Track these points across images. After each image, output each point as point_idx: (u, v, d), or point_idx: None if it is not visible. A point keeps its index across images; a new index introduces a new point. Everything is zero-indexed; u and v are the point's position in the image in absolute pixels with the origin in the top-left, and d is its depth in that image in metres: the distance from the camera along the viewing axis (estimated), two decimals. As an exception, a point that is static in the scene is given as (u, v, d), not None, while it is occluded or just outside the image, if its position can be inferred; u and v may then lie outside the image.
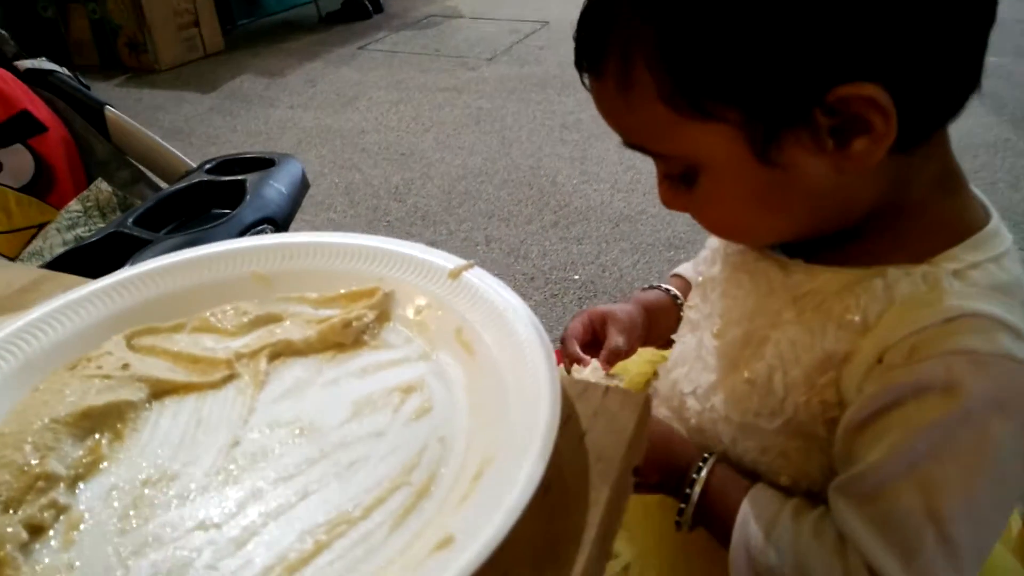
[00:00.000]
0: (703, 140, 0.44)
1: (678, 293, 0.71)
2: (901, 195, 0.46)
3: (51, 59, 1.28)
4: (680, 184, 0.48)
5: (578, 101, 2.87)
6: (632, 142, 0.47)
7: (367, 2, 4.13)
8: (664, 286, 0.71)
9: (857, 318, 0.46)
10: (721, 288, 0.57)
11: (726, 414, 0.53)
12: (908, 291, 0.45)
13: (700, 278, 0.61)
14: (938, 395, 0.43)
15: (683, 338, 0.61)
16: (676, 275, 0.73)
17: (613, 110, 0.46)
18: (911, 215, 0.47)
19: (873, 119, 0.40)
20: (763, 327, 0.52)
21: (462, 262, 0.52)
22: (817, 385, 0.48)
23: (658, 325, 0.69)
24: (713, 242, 0.61)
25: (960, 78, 0.43)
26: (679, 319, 0.67)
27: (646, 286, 0.73)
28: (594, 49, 0.46)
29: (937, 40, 0.40)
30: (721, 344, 0.55)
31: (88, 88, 1.27)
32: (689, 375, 0.57)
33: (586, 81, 0.47)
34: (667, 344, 0.70)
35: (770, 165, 0.43)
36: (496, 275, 0.50)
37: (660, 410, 0.62)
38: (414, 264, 0.53)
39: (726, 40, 0.40)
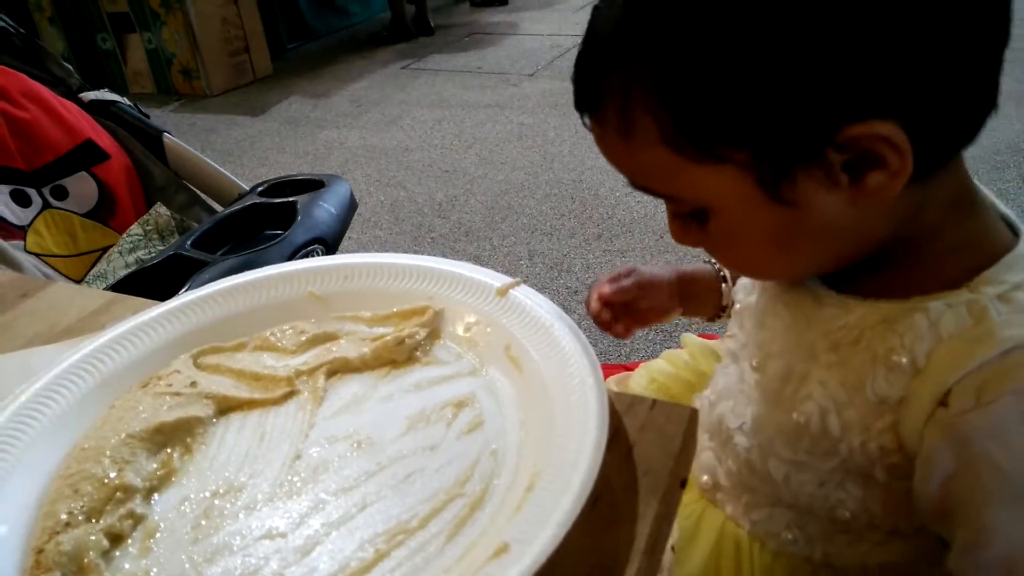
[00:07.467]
0: (711, 182, 0.42)
1: (726, 272, 0.71)
2: (917, 222, 0.45)
3: (110, 89, 1.34)
4: (692, 222, 0.47)
5: (619, 114, 2.87)
6: (638, 184, 0.46)
7: (410, 23, 4.21)
8: (713, 260, 0.70)
9: (904, 360, 0.44)
10: (758, 318, 0.55)
11: (777, 451, 0.52)
12: (954, 326, 0.43)
13: (738, 306, 0.60)
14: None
15: (726, 369, 0.60)
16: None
17: (615, 154, 0.45)
18: (931, 238, 0.45)
19: (887, 155, 0.39)
20: (800, 360, 0.50)
21: (509, 280, 0.53)
22: (873, 429, 0.46)
23: (695, 295, 0.71)
24: None
25: (976, 103, 0.41)
26: (720, 294, 0.69)
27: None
28: (592, 92, 0.44)
29: (951, 71, 0.38)
30: (762, 378, 0.53)
31: (147, 116, 1.33)
32: (735, 409, 0.56)
33: (587, 123, 0.46)
34: (711, 316, 0.72)
35: (783, 204, 0.41)
36: (540, 289, 0.52)
37: (705, 440, 0.61)
38: (463, 282, 0.55)
39: (728, 81, 0.38)
